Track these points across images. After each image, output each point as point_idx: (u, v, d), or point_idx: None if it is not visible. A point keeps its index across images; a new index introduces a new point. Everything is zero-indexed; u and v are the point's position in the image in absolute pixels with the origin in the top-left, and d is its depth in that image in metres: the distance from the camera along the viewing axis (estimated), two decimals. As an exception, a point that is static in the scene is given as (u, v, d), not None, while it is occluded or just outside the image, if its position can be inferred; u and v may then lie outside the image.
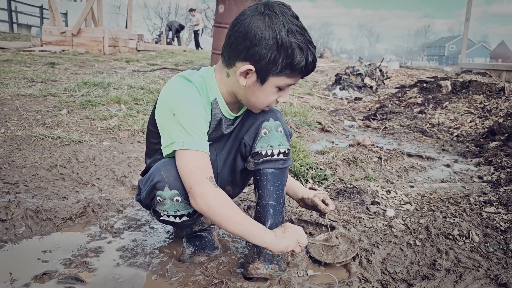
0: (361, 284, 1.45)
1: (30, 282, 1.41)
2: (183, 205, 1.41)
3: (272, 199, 1.55)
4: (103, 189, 2.29)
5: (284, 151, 1.54)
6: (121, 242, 1.75)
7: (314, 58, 1.34)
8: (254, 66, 1.31)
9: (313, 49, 1.32)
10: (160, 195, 1.39)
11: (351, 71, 8.08)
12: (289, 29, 1.28)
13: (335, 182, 2.52)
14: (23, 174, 2.35)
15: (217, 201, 1.31)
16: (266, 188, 1.56)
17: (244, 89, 1.39)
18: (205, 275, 1.49)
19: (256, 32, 1.28)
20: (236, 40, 1.32)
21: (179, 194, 1.38)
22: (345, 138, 4.11)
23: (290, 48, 1.28)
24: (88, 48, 10.47)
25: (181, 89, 1.39)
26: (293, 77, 1.36)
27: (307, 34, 1.32)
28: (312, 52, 1.32)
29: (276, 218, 1.56)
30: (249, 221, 1.37)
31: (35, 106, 3.78)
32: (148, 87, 5.21)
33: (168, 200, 1.40)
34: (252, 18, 1.30)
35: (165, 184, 1.37)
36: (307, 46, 1.30)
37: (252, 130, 1.54)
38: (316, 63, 1.36)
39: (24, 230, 1.79)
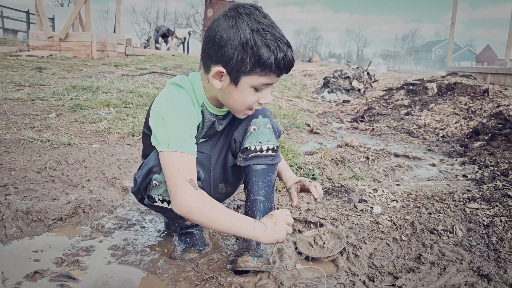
0: (348, 277, 1.49)
1: (22, 281, 1.42)
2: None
3: (261, 195, 1.60)
4: (93, 191, 2.30)
5: (272, 147, 1.60)
6: (112, 241, 1.76)
7: (285, 54, 1.33)
8: (225, 67, 1.35)
9: (283, 45, 1.32)
10: (156, 178, 1.44)
11: (339, 75, 8.17)
12: (253, 28, 1.30)
13: (323, 181, 2.56)
14: (12, 177, 2.35)
15: (197, 203, 1.31)
16: (256, 184, 1.61)
17: (222, 92, 1.42)
18: (196, 271, 1.51)
19: (222, 34, 1.32)
20: (207, 45, 1.38)
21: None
22: (334, 139, 4.17)
23: (256, 46, 1.29)
24: (76, 52, 10.43)
25: (172, 95, 1.46)
26: (266, 75, 1.36)
27: (276, 31, 1.32)
28: (281, 48, 1.31)
29: (265, 213, 1.59)
30: (234, 216, 1.39)
31: (23, 110, 3.78)
32: (137, 90, 5.22)
33: (163, 184, 1.43)
34: (219, 21, 1.35)
35: (158, 168, 1.42)
36: (276, 42, 1.30)
37: (242, 127, 1.60)
38: (289, 59, 1.35)
39: (15, 230, 1.79)
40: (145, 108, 4.29)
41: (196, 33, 43.58)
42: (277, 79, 1.42)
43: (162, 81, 6.92)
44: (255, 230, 1.37)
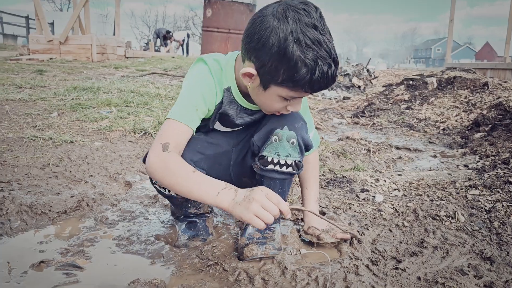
0: (352, 262, 1.50)
1: (28, 270, 1.43)
2: None
3: None
4: (96, 185, 2.31)
5: (291, 163, 1.46)
6: (117, 232, 1.77)
7: (324, 74, 1.19)
8: (257, 70, 1.26)
9: (324, 65, 1.18)
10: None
11: (339, 72, 8.18)
12: (296, 38, 1.16)
13: (325, 172, 2.57)
14: (16, 173, 2.37)
15: (158, 164, 1.29)
16: (269, 187, 1.56)
17: (251, 88, 1.36)
18: (200, 258, 1.52)
19: (262, 34, 1.20)
20: (247, 38, 1.27)
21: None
22: (334, 134, 4.18)
23: (293, 61, 1.17)
24: (76, 55, 10.46)
25: (194, 70, 1.47)
26: (297, 91, 1.26)
27: (323, 46, 1.18)
28: (321, 69, 1.17)
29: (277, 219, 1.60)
30: (199, 181, 1.27)
31: (25, 110, 3.79)
32: (138, 90, 5.24)
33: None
34: (266, 17, 1.21)
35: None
36: (316, 61, 1.17)
37: (263, 132, 1.48)
38: (329, 80, 1.22)
39: (20, 224, 1.80)
40: (146, 107, 4.31)
41: (195, 35, 43.64)
42: (309, 94, 1.32)
43: (162, 81, 6.94)
44: (219, 198, 1.24)
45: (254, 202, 1.20)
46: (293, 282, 1.37)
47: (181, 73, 8.51)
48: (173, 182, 1.28)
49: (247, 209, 1.20)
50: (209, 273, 1.43)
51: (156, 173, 1.30)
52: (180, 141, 1.36)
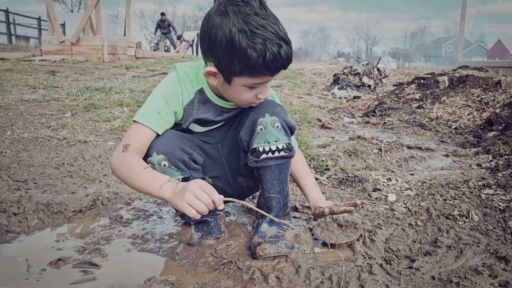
0: (365, 260, 1.50)
1: (46, 267, 1.46)
2: (171, 170, 1.49)
3: (275, 192, 1.61)
4: (110, 185, 2.34)
5: (282, 146, 1.52)
6: (131, 230, 1.80)
7: (275, 54, 1.25)
8: (217, 67, 1.35)
9: (273, 46, 1.24)
10: (150, 161, 1.47)
11: (349, 71, 8.15)
12: (240, 28, 1.23)
13: (336, 172, 2.57)
14: (31, 173, 2.41)
15: (116, 162, 1.41)
16: (270, 182, 1.60)
17: (219, 86, 1.45)
18: (214, 257, 1.54)
19: (210, 33, 1.29)
20: (201, 40, 1.36)
21: (165, 159, 1.48)
22: (345, 133, 4.17)
23: (242, 49, 1.24)
24: (88, 56, 10.56)
25: (164, 78, 1.59)
26: (258, 76, 1.33)
27: (268, 29, 1.24)
28: (271, 50, 1.24)
29: (280, 208, 1.64)
30: (147, 176, 1.37)
31: (39, 110, 3.85)
32: (149, 90, 5.28)
33: (156, 166, 1.48)
34: (210, 18, 1.31)
35: (154, 150, 1.47)
36: (265, 44, 1.23)
37: (248, 126, 1.53)
38: (281, 58, 1.27)
39: (37, 222, 1.84)
40: (158, 107, 4.34)
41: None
42: (271, 77, 1.36)
43: (173, 81, 6.98)
44: (161, 190, 1.34)
45: (187, 192, 1.27)
46: (307, 280, 1.38)
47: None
48: (127, 178, 1.40)
49: (181, 198, 1.28)
50: (223, 272, 1.45)
51: (116, 171, 1.43)
52: (141, 141, 1.46)
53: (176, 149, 1.50)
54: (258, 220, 1.68)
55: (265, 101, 1.53)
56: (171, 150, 1.49)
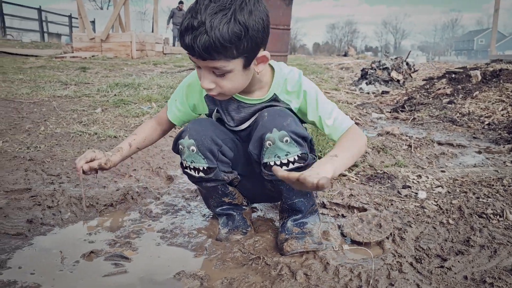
0: (395, 259, 1.48)
1: (79, 259, 1.50)
2: (198, 157, 1.51)
3: (297, 197, 1.59)
4: (140, 179, 2.38)
5: (294, 159, 1.45)
6: (160, 225, 1.83)
7: (182, 39, 1.24)
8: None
9: (182, 32, 1.23)
10: (181, 143, 1.52)
11: (377, 66, 8.01)
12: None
13: (365, 168, 2.54)
14: (64, 167, 2.47)
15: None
16: (289, 191, 1.57)
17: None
18: (242, 252, 1.55)
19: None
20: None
21: (195, 144, 1.49)
22: (374, 129, 4.11)
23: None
24: (117, 52, 10.75)
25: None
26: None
27: (187, 17, 1.23)
28: (181, 34, 1.24)
29: (306, 209, 1.62)
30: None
31: (71, 106, 3.95)
32: (177, 86, 5.33)
33: (186, 149, 1.51)
34: None
35: (186, 134, 1.50)
36: (180, 28, 1.26)
37: (256, 140, 1.48)
38: (185, 44, 1.24)
39: (70, 215, 1.89)
40: (185, 102, 4.39)
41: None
42: (197, 61, 1.30)
43: (200, 77, 7.03)
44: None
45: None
46: (336, 277, 1.37)
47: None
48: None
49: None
50: (251, 267, 1.46)
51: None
52: (161, 115, 1.77)
53: (207, 137, 1.51)
54: (284, 218, 1.68)
55: (275, 112, 1.46)
56: (202, 137, 1.50)
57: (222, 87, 1.36)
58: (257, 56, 1.34)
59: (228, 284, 1.34)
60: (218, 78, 1.33)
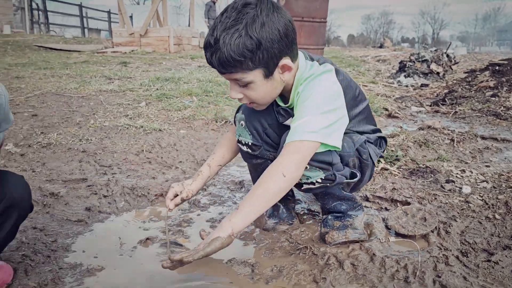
0: (441, 252, 1.50)
1: (137, 245, 1.61)
2: (245, 132, 1.61)
3: (335, 201, 1.64)
4: (186, 171, 2.48)
5: (315, 181, 1.49)
6: (209, 214, 1.91)
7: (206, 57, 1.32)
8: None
9: (208, 48, 1.29)
10: (236, 116, 1.65)
11: (416, 58, 7.84)
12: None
13: (407, 162, 2.54)
14: (115, 158, 2.61)
15: None
16: (324, 200, 1.64)
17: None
18: (289, 242, 1.61)
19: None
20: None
21: (244, 119, 1.59)
22: (414, 123, 4.06)
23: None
24: (155, 47, 10.98)
25: None
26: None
27: (211, 32, 1.29)
28: (204, 51, 1.31)
29: (347, 209, 1.66)
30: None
31: (116, 100, 4.11)
32: (215, 80, 5.44)
33: (237, 122, 1.63)
34: None
35: (241, 109, 1.63)
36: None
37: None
38: (208, 59, 1.31)
39: (124, 204, 2.01)
40: (225, 96, 4.47)
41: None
42: (220, 74, 1.36)
43: (237, 71, 7.10)
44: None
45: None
46: (382, 268, 1.41)
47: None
48: None
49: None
50: (299, 256, 1.51)
51: None
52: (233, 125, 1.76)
53: (255, 117, 1.58)
54: (324, 214, 1.72)
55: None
56: (251, 115, 1.59)
57: (249, 97, 1.41)
58: (279, 66, 1.35)
59: (278, 271, 1.41)
60: (243, 89, 1.38)
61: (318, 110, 1.35)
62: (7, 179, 1.12)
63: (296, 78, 1.45)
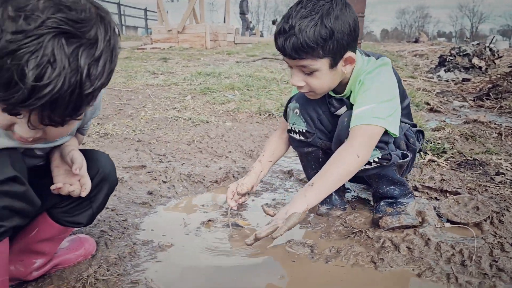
0: (496, 239, 1.53)
1: (200, 226, 1.72)
2: (299, 119, 1.69)
3: (388, 185, 1.68)
4: (236, 160, 2.58)
5: (372, 160, 1.55)
6: (263, 200, 2.01)
7: (276, 41, 1.43)
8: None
9: (282, 34, 1.39)
10: (289, 106, 1.73)
11: (457, 52, 7.68)
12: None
13: (454, 155, 2.55)
14: (168, 148, 2.74)
15: None
16: (378, 183, 1.68)
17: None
18: (344, 226, 1.68)
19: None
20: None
21: (298, 108, 1.69)
22: (457, 117, 4.03)
23: None
24: (192, 43, 11.22)
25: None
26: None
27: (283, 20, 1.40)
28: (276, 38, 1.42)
29: (399, 194, 1.70)
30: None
31: (163, 94, 4.28)
32: (255, 75, 5.54)
33: (291, 111, 1.71)
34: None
35: (294, 99, 1.72)
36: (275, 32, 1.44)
37: (337, 142, 1.60)
38: (278, 45, 1.42)
39: (182, 189, 2.13)
40: (266, 91, 4.56)
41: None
42: (289, 60, 1.45)
43: (274, 66, 7.18)
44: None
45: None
46: (438, 252, 1.46)
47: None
48: None
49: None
50: (354, 239, 1.58)
51: None
52: (283, 123, 1.88)
53: (310, 105, 1.68)
54: (377, 201, 1.78)
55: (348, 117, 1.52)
56: (306, 104, 1.68)
57: (310, 85, 1.49)
58: (343, 58, 1.45)
59: (335, 252, 1.49)
60: (307, 77, 1.47)
61: (381, 98, 1.44)
62: (97, 156, 1.26)
63: (354, 71, 1.54)
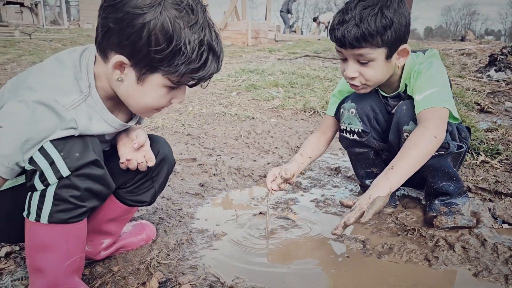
0: (556, 242, 1.49)
1: (252, 218, 1.77)
2: (355, 119, 1.70)
3: (443, 180, 1.65)
4: (283, 156, 2.62)
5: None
6: (311, 196, 2.03)
7: None
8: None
9: (341, 24, 1.45)
10: (343, 106, 1.74)
11: (509, 51, 7.37)
12: None
13: (508, 156, 2.48)
14: (216, 142, 2.81)
15: None
16: (433, 176, 1.64)
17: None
18: (395, 224, 1.68)
19: None
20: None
21: (355, 107, 1.69)
22: (509, 119, 3.89)
23: None
24: (233, 40, 11.32)
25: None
26: None
27: None
28: (334, 29, 1.48)
29: (453, 191, 1.67)
30: None
31: (209, 90, 4.37)
32: (298, 72, 5.54)
33: (346, 111, 1.72)
34: None
35: (349, 99, 1.73)
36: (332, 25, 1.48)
37: (394, 130, 1.62)
38: (339, 32, 1.46)
39: (232, 182, 2.18)
40: (310, 88, 4.57)
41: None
42: (346, 51, 1.49)
43: (316, 63, 7.15)
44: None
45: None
46: (495, 253, 1.44)
47: (331, 55, 8.63)
48: None
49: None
50: (406, 237, 1.58)
51: None
52: (322, 124, 1.92)
53: (367, 104, 1.69)
54: (430, 199, 1.76)
55: (412, 106, 1.53)
56: (362, 102, 1.69)
57: (365, 76, 1.52)
58: (398, 50, 1.49)
59: (388, 248, 1.49)
60: (362, 67, 1.51)
61: (440, 83, 1.50)
62: (157, 139, 1.35)
63: (406, 65, 1.59)
